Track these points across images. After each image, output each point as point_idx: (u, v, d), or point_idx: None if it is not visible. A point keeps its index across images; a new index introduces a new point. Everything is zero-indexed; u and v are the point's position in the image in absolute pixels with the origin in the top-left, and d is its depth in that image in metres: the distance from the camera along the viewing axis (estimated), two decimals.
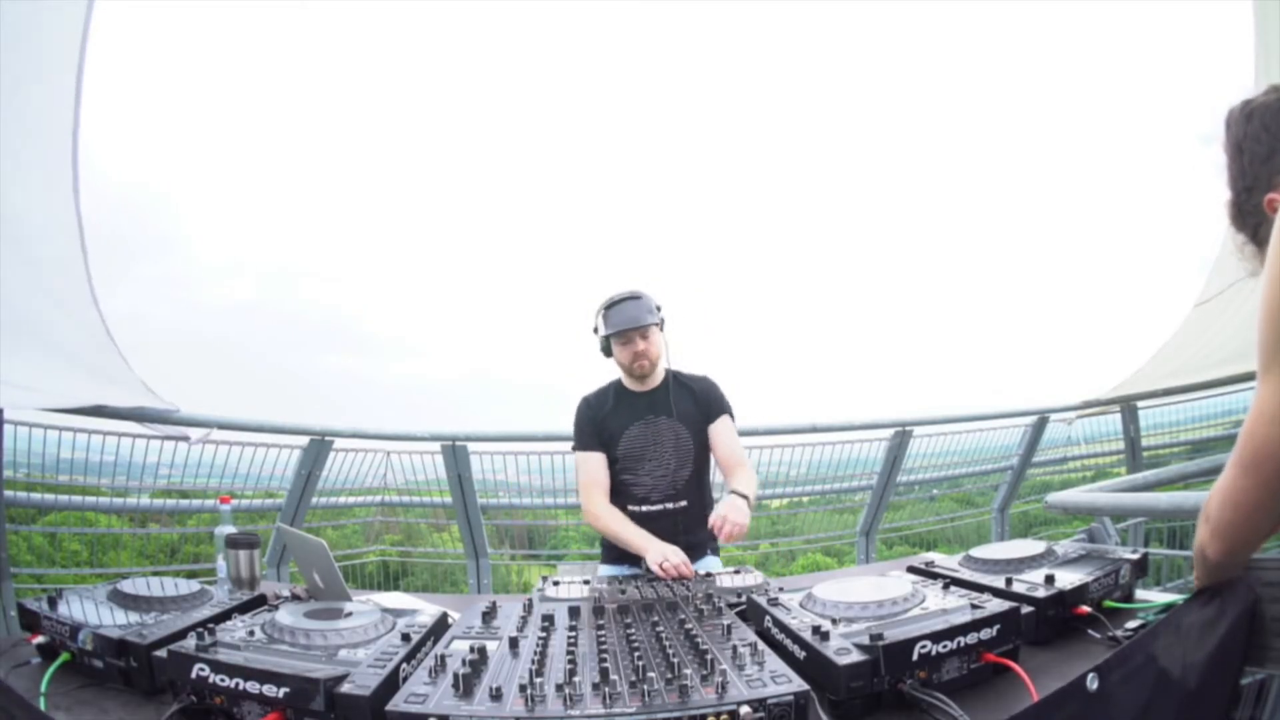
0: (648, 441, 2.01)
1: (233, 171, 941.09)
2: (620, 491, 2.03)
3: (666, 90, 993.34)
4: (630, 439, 2.02)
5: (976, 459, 4.50)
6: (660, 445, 2.01)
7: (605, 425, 2.04)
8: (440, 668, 0.96)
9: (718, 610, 1.26)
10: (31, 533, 3.53)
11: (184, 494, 3.61)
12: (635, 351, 1.97)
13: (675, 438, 2.02)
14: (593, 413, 2.07)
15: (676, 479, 2.01)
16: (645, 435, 2.02)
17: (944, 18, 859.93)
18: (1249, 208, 0.87)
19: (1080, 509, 2.09)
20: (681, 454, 2.02)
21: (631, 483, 2.02)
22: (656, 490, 2.01)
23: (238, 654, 0.99)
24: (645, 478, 2.01)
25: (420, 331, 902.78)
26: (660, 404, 2.03)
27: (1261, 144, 0.85)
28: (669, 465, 2.01)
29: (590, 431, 2.05)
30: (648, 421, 2.02)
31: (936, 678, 1.00)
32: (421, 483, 4.07)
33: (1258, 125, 0.86)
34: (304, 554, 1.51)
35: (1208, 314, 3.09)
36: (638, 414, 2.03)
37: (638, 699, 0.86)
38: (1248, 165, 0.87)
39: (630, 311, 1.97)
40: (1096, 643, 1.15)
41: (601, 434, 2.04)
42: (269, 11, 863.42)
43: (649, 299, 1.99)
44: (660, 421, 2.02)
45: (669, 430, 2.02)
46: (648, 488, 2.01)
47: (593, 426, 2.05)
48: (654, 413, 2.03)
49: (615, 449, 2.02)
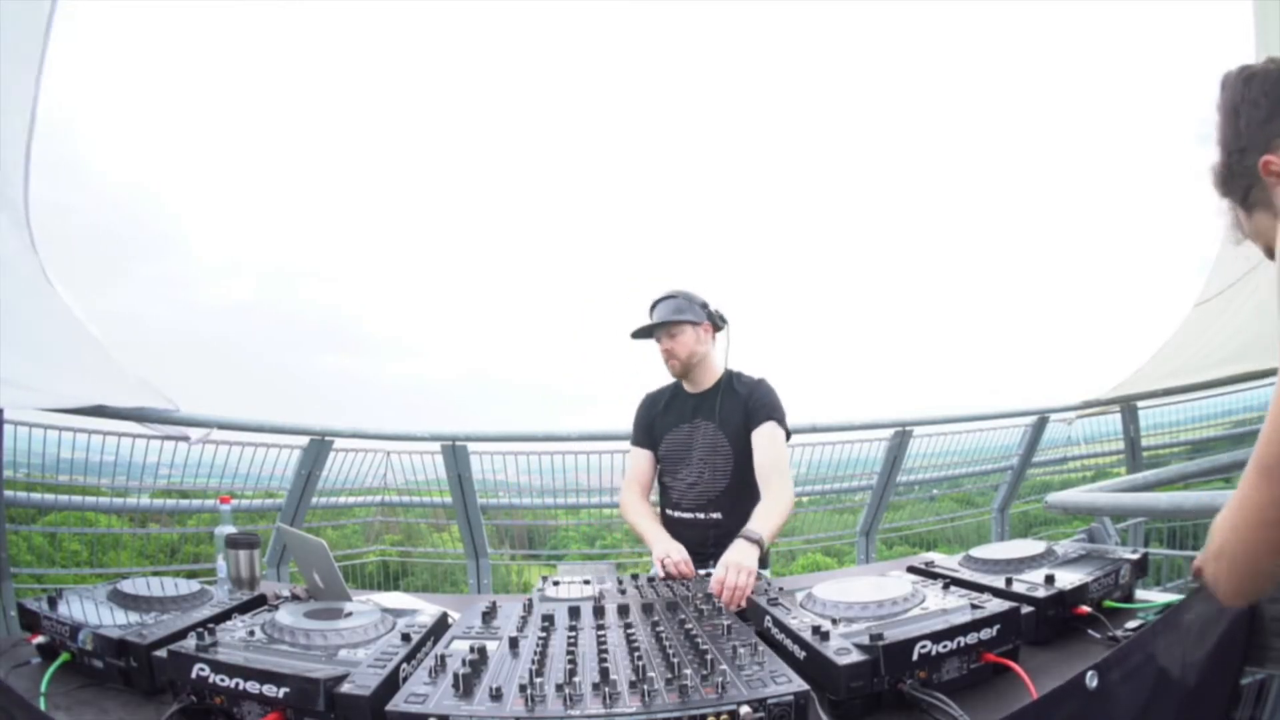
0: (687, 446, 1.99)
1: (231, 171, 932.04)
2: (662, 492, 2.05)
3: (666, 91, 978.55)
4: (671, 441, 2.01)
5: (976, 459, 4.49)
6: (698, 451, 1.97)
7: (655, 424, 2.05)
8: (440, 668, 0.96)
9: (718, 610, 1.26)
10: (31, 533, 3.53)
11: (184, 494, 3.61)
12: (662, 349, 1.98)
13: (713, 446, 1.96)
14: (648, 410, 2.09)
15: (710, 489, 1.95)
16: (686, 439, 1.99)
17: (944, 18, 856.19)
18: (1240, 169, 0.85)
19: (1080, 509, 2.09)
20: (718, 463, 1.95)
21: (669, 485, 2.02)
22: (688, 498, 1.97)
23: (238, 654, 0.99)
24: (680, 482, 1.99)
25: (419, 331, 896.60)
26: (705, 408, 1.99)
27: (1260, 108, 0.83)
28: (703, 474, 1.96)
29: (642, 428, 2.08)
30: (693, 425, 2.00)
31: (936, 678, 1.00)
32: (421, 483, 4.07)
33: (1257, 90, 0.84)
34: (304, 554, 1.51)
35: (1208, 314, 3.09)
36: (684, 416, 2.02)
37: (638, 699, 0.86)
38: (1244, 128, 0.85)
39: (659, 311, 1.98)
40: (1096, 643, 1.15)
41: (651, 432, 2.05)
42: (269, 11, 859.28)
43: (686, 298, 1.98)
44: (702, 426, 1.98)
45: (708, 437, 1.96)
46: (681, 493, 1.99)
47: (645, 424, 2.07)
48: (700, 416, 1.99)
49: (659, 449, 2.03)
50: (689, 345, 1.96)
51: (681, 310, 1.95)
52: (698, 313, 1.96)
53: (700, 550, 1.84)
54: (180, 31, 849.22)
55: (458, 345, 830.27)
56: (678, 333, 1.95)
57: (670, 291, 2.00)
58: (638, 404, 2.13)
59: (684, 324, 1.95)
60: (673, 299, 1.98)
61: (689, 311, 1.95)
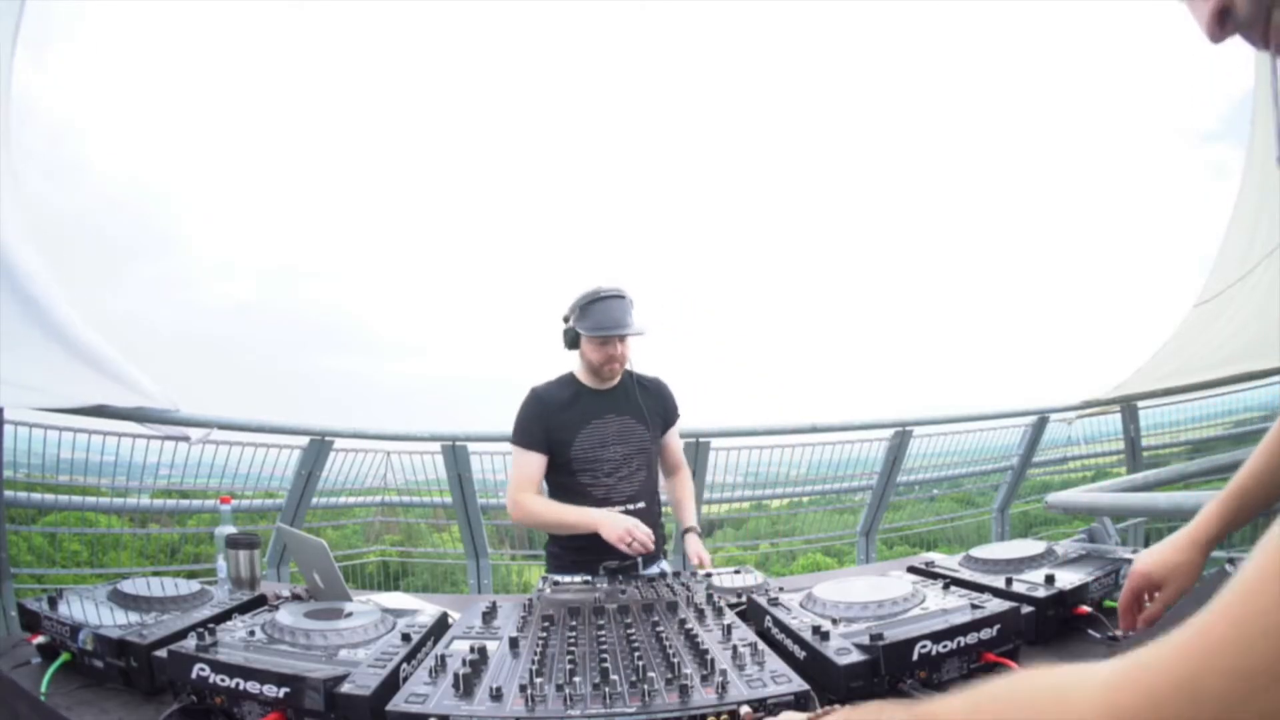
0: (608, 441, 1.94)
1: (232, 171, 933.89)
2: (578, 493, 1.93)
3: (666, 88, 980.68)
4: (588, 438, 1.93)
5: (976, 459, 4.50)
6: (621, 445, 1.95)
7: (559, 423, 1.92)
8: (440, 668, 0.96)
9: (718, 610, 1.25)
10: (31, 533, 3.53)
11: (184, 494, 3.61)
12: (610, 354, 1.89)
13: (636, 439, 1.97)
14: (543, 408, 1.94)
15: (634, 479, 1.96)
16: (605, 435, 1.94)
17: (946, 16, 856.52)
18: None
19: (1080, 509, 2.10)
20: (642, 455, 1.98)
21: (590, 484, 1.93)
22: (616, 491, 1.94)
23: (238, 654, 0.99)
24: (606, 479, 1.93)
25: (420, 331, 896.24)
26: (621, 404, 1.97)
27: None
28: (630, 466, 1.95)
29: (538, 429, 1.92)
30: (607, 420, 1.95)
31: (936, 678, 1.00)
32: (421, 483, 4.07)
33: None
34: (304, 554, 1.51)
35: (1208, 314, 3.09)
36: (597, 412, 1.95)
37: (638, 699, 0.86)
38: None
39: (615, 313, 1.87)
40: (1096, 643, 1.15)
41: (551, 432, 1.92)
42: (270, 10, 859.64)
43: (631, 300, 1.92)
44: (621, 421, 1.96)
45: (630, 431, 1.96)
46: (607, 488, 1.93)
47: (541, 424, 1.92)
48: (615, 412, 1.96)
49: (569, 449, 1.92)
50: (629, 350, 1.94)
51: (637, 316, 1.91)
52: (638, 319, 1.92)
53: None
54: (181, 31, 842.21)
55: (458, 345, 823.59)
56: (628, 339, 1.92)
57: (617, 290, 1.90)
58: (524, 401, 1.97)
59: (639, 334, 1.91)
60: (623, 299, 1.90)
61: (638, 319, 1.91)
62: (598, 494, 1.93)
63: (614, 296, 1.89)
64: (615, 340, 1.89)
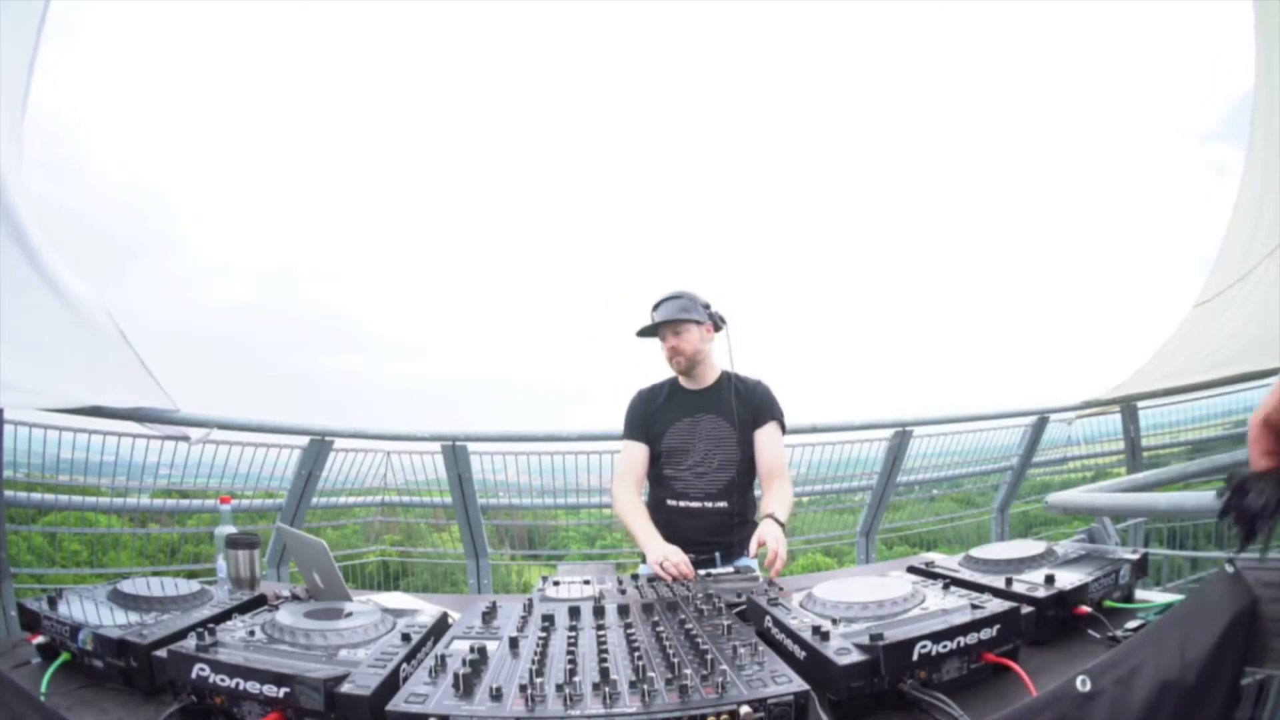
0: (692, 438, 2.05)
1: (232, 171, 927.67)
2: (662, 484, 2.08)
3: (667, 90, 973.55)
4: (675, 434, 2.06)
5: (976, 459, 4.50)
6: (703, 443, 2.05)
7: (653, 418, 2.09)
8: (440, 668, 0.96)
9: (718, 610, 1.26)
10: (31, 533, 3.53)
11: (184, 494, 3.61)
12: (668, 347, 2.04)
13: (719, 438, 2.05)
14: (643, 405, 2.13)
15: (717, 479, 2.03)
16: (690, 432, 2.06)
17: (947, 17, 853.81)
18: None
19: (1080, 509, 2.09)
20: (724, 455, 2.04)
21: (672, 477, 2.06)
22: (695, 488, 2.04)
23: (238, 654, 0.99)
24: (686, 473, 2.05)
25: (420, 331, 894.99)
26: (710, 403, 2.07)
27: None
28: (710, 464, 2.04)
29: (636, 422, 2.11)
30: (695, 419, 2.06)
31: (936, 678, 1.00)
32: (421, 483, 4.08)
33: None
34: (304, 554, 1.51)
35: (1208, 314, 3.09)
36: (686, 410, 2.07)
37: (638, 699, 0.86)
38: None
39: (664, 310, 2.04)
40: (1096, 643, 1.15)
41: (648, 426, 2.09)
42: (271, 10, 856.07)
43: (690, 298, 2.05)
44: (707, 420, 2.06)
45: (714, 430, 2.05)
46: (686, 483, 2.05)
47: (640, 418, 2.11)
48: (703, 411, 2.07)
49: (660, 443, 2.07)
50: (694, 343, 2.04)
51: (687, 310, 2.03)
52: (700, 313, 2.05)
53: (707, 539, 1.96)
54: (181, 31, 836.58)
55: (458, 345, 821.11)
56: (683, 331, 2.03)
57: (675, 292, 2.07)
58: (630, 399, 2.17)
59: (689, 323, 2.03)
60: (677, 299, 2.05)
61: (693, 311, 2.04)
62: (678, 487, 2.05)
63: (667, 298, 2.07)
64: (668, 333, 2.04)
